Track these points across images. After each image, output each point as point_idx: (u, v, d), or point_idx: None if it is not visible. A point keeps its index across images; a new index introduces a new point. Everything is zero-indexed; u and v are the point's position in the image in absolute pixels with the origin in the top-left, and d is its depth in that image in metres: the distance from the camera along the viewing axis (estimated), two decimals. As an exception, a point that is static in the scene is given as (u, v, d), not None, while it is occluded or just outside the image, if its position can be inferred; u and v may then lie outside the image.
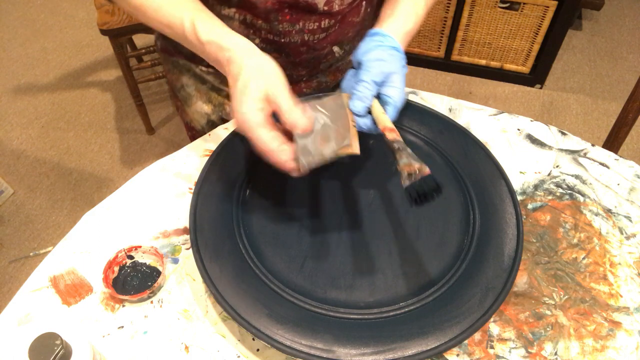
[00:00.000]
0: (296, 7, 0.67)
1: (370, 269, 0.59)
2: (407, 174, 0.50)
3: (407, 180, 0.50)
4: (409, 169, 0.50)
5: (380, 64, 0.59)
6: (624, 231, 0.66)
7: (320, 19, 0.69)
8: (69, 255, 0.63)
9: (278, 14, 0.67)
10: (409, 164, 0.50)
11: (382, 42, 0.61)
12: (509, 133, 0.78)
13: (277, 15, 0.67)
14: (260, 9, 0.67)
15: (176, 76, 0.86)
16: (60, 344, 0.45)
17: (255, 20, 0.69)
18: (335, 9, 0.69)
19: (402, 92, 0.60)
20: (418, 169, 0.50)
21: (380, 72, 0.58)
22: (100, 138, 1.92)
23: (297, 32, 0.70)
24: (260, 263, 0.58)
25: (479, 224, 0.62)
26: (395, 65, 0.60)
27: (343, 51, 0.79)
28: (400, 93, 0.59)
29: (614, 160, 0.74)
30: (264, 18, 0.68)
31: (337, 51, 0.78)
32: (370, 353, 0.51)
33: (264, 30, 0.70)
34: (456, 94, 2.03)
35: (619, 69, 2.16)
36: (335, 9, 0.69)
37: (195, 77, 0.84)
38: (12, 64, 2.22)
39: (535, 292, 0.60)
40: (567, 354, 0.55)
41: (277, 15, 0.67)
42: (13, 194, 1.72)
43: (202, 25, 0.58)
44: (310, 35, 0.71)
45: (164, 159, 0.74)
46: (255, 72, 0.54)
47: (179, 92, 0.87)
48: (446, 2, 1.89)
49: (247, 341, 0.56)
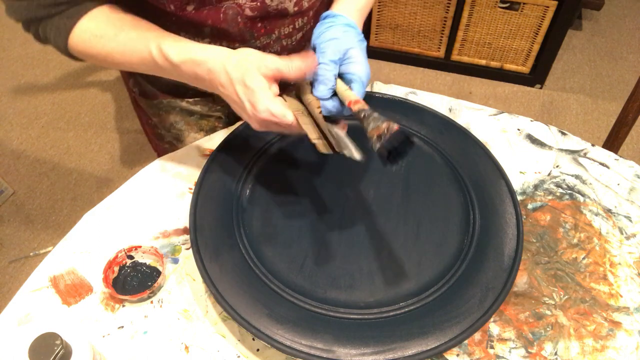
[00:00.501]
0: (268, 18, 0.66)
1: (370, 269, 0.59)
2: (376, 137, 0.49)
3: (377, 143, 0.49)
4: (377, 132, 0.49)
5: (334, 43, 0.57)
6: (624, 231, 0.66)
7: (293, 20, 0.69)
8: (69, 255, 0.63)
9: (253, 31, 0.67)
10: (376, 127, 0.49)
11: (334, 22, 0.60)
12: (509, 133, 0.78)
13: (252, 32, 0.67)
14: (234, 33, 0.66)
15: (164, 117, 0.84)
16: (60, 344, 0.45)
17: (232, 44, 0.68)
18: (305, 7, 0.68)
19: (365, 66, 0.58)
20: (386, 128, 0.48)
21: (336, 51, 0.57)
22: (100, 138, 1.92)
23: (275, 41, 0.70)
24: (260, 263, 0.58)
25: (479, 224, 0.62)
26: (351, 40, 0.58)
27: None
28: (362, 67, 0.57)
29: (614, 160, 0.74)
30: (240, 40, 0.67)
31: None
32: (370, 353, 0.51)
33: None
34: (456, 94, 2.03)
35: (619, 69, 2.16)
36: (305, 6, 0.68)
37: (182, 111, 0.83)
38: (12, 64, 2.22)
39: (535, 292, 0.60)
40: (567, 354, 0.55)
41: (252, 32, 0.67)
42: (13, 194, 1.72)
43: (169, 48, 0.57)
44: (287, 39, 0.71)
45: (164, 158, 0.74)
46: (245, 68, 0.53)
47: (168, 133, 0.86)
48: (446, 2, 1.89)
49: (247, 341, 0.56)
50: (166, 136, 0.87)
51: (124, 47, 0.59)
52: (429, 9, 1.94)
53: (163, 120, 0.84)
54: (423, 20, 1.99)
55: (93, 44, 0.60)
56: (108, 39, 0.59)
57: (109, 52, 0.60)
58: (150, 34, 0.59)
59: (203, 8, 0.62)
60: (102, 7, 0.61)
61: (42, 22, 0.60)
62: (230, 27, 0.65)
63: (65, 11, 0.59)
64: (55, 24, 0.60)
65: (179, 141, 0.87)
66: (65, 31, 0.60)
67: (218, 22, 0.64)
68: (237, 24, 0.64)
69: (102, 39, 0.60)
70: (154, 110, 0.84)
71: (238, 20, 0.64)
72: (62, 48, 0.61)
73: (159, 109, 0.83)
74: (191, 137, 0.85)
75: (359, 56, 0.58)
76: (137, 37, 0.59)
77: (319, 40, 0.58)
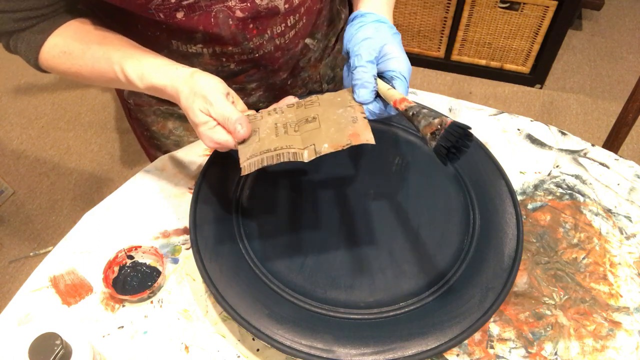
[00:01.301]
0: (259, 18, 0.65)
1: (370, 269, 0.59)
2: (430, 135, 0.46)
3: (433, 142, 0.46)
4: (431, 129, 0.46)
5: (368, 42, 0.56)
6: (624, 231, 0.66)
7: (285, 18, 0.68)
8: (69, 255, 0.63)
9: (245, 33, 0.66)
10: (429, 124, 0.46)
11: (364, 21, 0.58)
12: (509, 133, 0.78)
13: (244, 34, 0.66)
14: (226, 36, 0.65)
15: (162, 124, 0.83)
16: (60, 344, 0.45)
17: (225, 48, 0.67)
18: (295, 3, 0.67)
19: (405, 60, 0.56)
20: (439, 124, 0.45)
21: (371, 50, 0.55)
22: (100, 138, 1.92)
23: (268, 41, 0.69)
24: (260, 263, 0.58)
25: (479, 224, 0.62)
26: (384, 36, 0.56)
27: (316, 40, 0.78)
28: (402, 62, 0.56)
29: (614, 160, 0.74)
30: (233, 43, 0.66)
31: (311, 42, 0.78)
32: (370, 353, 0.51)
33: (236, 54, 0.68)
34: (456, 94, 2.03)
35: (619, 69, 2.16)
36: (295, 3, 0.67)
37: (181, 117, 0.82)
38: (12, 64, 2.22)
39: (535, 292, 0.60)
40: (567, 354, 0.55)
41: (244, 34, 0.66)
42: (13, 194, 1.72)
43: (132, 72, 0.57)
44: (280, 38, 0.70)
45: (164, 158, 0.74)
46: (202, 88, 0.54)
47: (167, 140, 0.85)
48: (446, 2, 1.89)
49: (247, 341, 0.56)
50: (165, 144, 0.86)
51: (92, 66, 0.59)
52: (429, 9, 1.94)
53: (162, 128, 0.84)
54: (423, 20, 1.99)
55: (62, 60, 0.60)
56: (76, 56, 0.59)
57: (78, 70, 0.60)
58: (115, 54, 0.58)
59: (193, 14, 0.61)
60: (72, 22, 0.61)
61: (14, 35, 0.60)
62: (222, 31, 0.64)
63: (36, 25, 0.59)
64: (27, 39, 0.59)
65: (179, 147, 0.86)
66: (35, 46, 0.60)
67: (209, 27, 0.63)
68: (228, 27, 0.64)
69: (70, 56, 0.59)
70: (151, 118, 0.83)
71: (229, 23, 0.63)
72: (33, 62, 0.61)
73: (157, 116, 0.83)
74: (191, 142, 0.85)
75: (396, 51, 0.56)
76: (103, 56, 0.59)
77: (352, 42, 0.57)
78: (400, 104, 0.51)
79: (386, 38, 0.56)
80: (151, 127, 0.85)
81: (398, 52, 0.56)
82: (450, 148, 0.45)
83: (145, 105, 0.82)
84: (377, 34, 0.57)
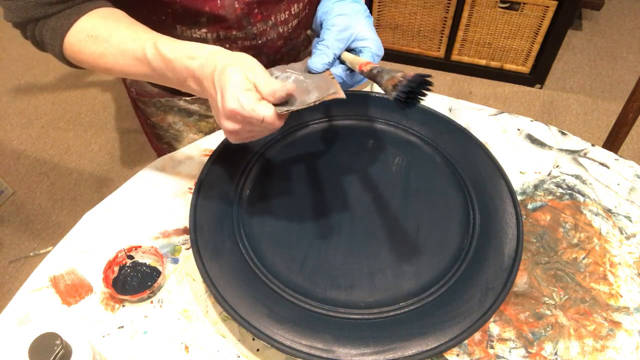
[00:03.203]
0: (264, 3, 0.67)
1: (370, 269, 0.59)
2: (392, 87, 0.47)
3: (394, 92, 0.47)
4: (393, 82, 0.47)
5: (341, 19, 0.58)
6: (624, 231, 0.66)
7: (289, 6, 0.69)
8: (69, 255, 0.63)
9: (250, 17, 0.67)
10: (391, 77, 0.47)
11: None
12: (509, 133, 0.78)
13: (249, 18, 0.67)
14: (231, 19, 0.66)
15: (161, 117, 0.84)
16: (60, 344, 0.45)
17: (229, 32, 0.68)
18: None
19: (377, 40, 0.59)
20: (401, 76, 0.47)
21: (345, 26, 0.58)
22: (100, 138, 1.92)
23: (272, 28, 0.70)
24: (260, 263, 0.58)
25: (479, 224, 0.62)
26: (358, 17, 0.59)
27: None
28: (374, 42, 0.59)
29: (614, 160, 0.74)
30: (237, 27, 0.67)
31: (312, 34, 0.78)
32: (370, 353, 0.51)
33: (239, 40, 0.69)
34: (456, 94, 2.03)
35: (619, 69, 2.16)
36: None
37: (181, 111, 0.83)
38: (12, 64, 2.22)
39: (535, 292, 0.60)
40: (567, 354, 0.55)
41: (249, 18, 0.67)
42: (13, 194, 1.72)
43: (165, 46, 0.56)
44: (284, 26, 0.71)
45: (164, 158, 0.74)
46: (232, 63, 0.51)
47: (167, 133, 0.85)
48: (446, 2, 1.89)
49: (247, 341, 0.56)
50: (165, 136, 0.87)
51: (117, 47, 0.59)
52: (429, 9, 1.94)
53: (161, 120, 0.84)
54: (423, 20, 1.99)
55: (88, 45, 0.60)
56: (102, 39, 0.59)
57: (102, 52, 0.60)
58: (146, 35, 0.59)
59: None
60: (100, 9, 0.61)
61: (39, 22, 0.60)
62: (228, 14, 0.65)
63: (63, 11, 0.59)
64: (52, 25, 0.59)
65: (178, 141, 0.87)
66: (61, 32, 0.59)
67: (216, 8, 0.64)
68: (234, 10, 0.65)
69: (96, 40, 0.59)
70: (152, 110, 0.84)
71: (235, 5, 0.65)
72: (57, 50, 0.61)
73: (157, 108, 0.83)
74: (189, 138, 0.85)
75: (368, 32, 0.59)
76: (131, 37, 0.58)
77: (327, 15, 0.59)
78: (365, 66, 0.53)
79: (359, 19, 0.59)
80: (151, 118, 0.85)
81: (370, 34, 0.59)
82: (409, 93, 0.46)
83: (146, 96, 0.83)
84: (352, 12, 0.59)
